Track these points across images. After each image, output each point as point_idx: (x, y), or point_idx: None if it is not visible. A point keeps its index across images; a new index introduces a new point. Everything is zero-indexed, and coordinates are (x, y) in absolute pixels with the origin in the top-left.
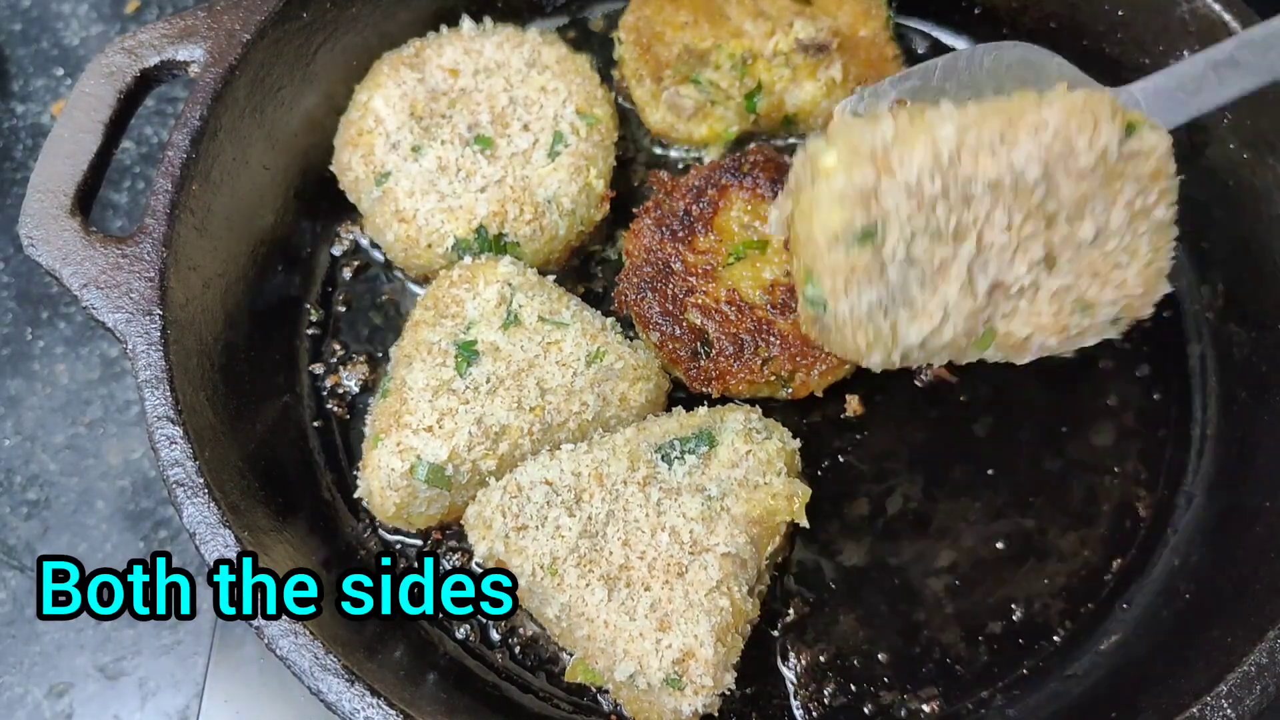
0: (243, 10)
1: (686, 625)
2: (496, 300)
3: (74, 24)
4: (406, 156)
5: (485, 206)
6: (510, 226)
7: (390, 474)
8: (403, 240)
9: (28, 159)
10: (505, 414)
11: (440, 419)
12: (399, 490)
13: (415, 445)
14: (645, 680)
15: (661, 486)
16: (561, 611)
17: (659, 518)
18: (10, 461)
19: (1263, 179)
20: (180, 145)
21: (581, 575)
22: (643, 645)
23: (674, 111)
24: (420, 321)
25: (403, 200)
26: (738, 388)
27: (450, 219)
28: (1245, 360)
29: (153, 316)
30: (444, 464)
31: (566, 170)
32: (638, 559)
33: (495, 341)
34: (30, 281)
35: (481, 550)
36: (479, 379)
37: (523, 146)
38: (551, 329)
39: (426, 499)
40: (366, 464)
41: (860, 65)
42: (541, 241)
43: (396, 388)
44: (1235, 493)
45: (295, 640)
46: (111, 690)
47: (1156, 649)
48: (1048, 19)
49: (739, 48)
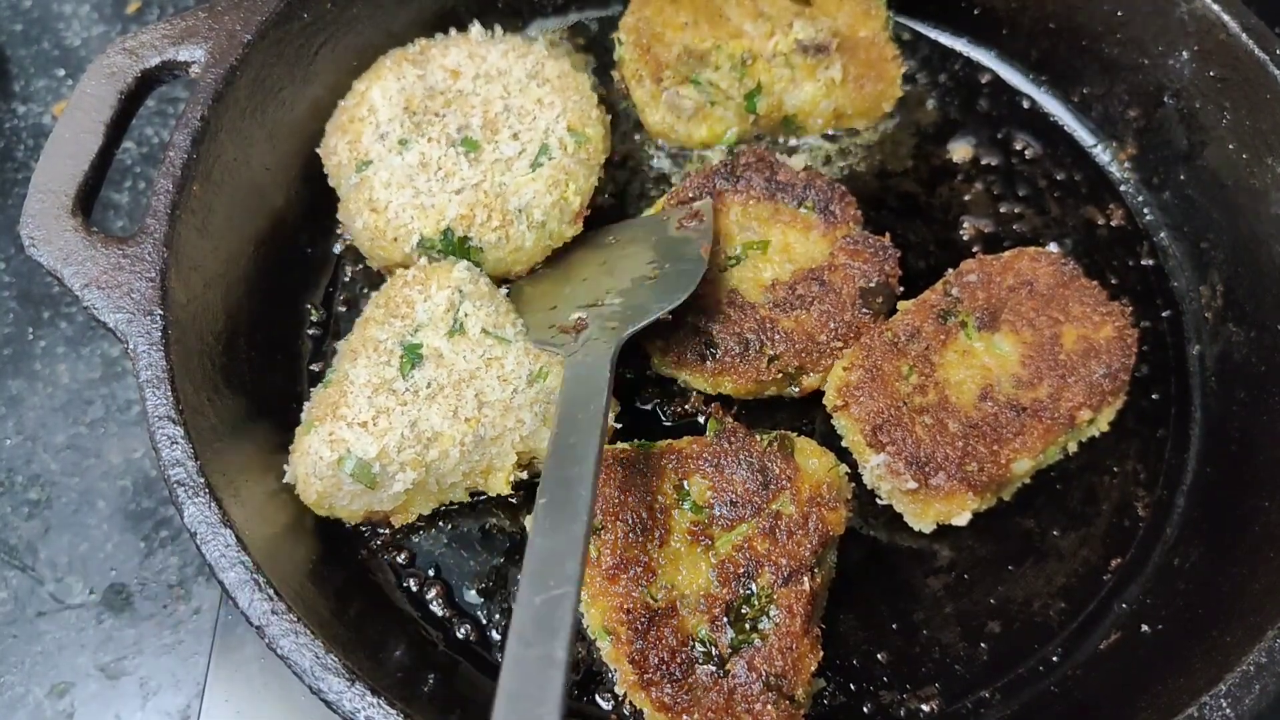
0: (243, 11)
1: None
2: (445, 305)
3: (75, 25)
4: (392, 148)
5: (456, 209)
6: (476, 231)
7: (318, 462)
8: (370, 229)
9: (29, 159)
10: (440, 421)
11: (376, 416)
12: (323, 479)
13: (347, 438)
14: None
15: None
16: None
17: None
18: (12, 461)
19: (1261, 179)
20: (181, 145)
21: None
22: None
23: (674, 112)
24: (370, 319)
25: (378, 190)
26: (745, 388)
27: (420, 215)
28: (1244, 360)
29: (154, 316)
30: (371, 461)
31: (545, 182)
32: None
33: (440, 348)
34: (32, 281)
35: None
36: (420, 383)
37: (507, 154)
38: (493, 344)
39: (350, 493)
40: (297, 448)
41: (860, 66)
42: (505, 250)
43: (339, 380)
44: (1234, 493)
45: (296, 640)
46: (112, 690)
47: (1155, 649)
48: (1047, 19)
49: (739, 48)
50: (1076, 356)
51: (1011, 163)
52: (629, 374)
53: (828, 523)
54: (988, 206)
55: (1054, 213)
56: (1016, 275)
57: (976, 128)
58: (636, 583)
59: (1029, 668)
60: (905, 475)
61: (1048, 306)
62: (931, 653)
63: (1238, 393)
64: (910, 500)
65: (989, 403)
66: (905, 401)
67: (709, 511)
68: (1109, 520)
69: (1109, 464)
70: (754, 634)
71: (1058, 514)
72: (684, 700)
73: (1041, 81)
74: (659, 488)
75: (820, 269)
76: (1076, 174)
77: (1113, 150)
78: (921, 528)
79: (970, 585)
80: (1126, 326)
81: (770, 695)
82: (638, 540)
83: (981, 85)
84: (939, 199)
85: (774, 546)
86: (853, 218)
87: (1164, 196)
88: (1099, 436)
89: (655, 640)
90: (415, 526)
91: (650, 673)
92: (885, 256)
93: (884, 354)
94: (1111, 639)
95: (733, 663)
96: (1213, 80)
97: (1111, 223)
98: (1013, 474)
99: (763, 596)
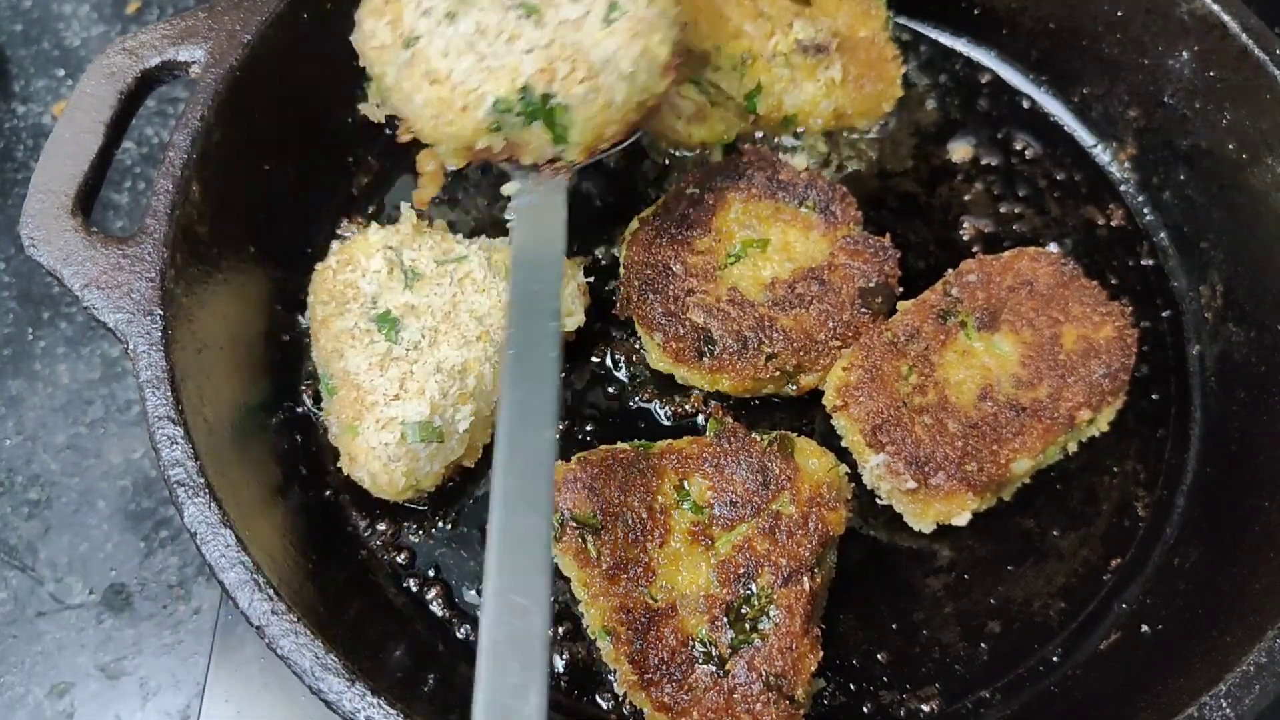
0: (243, 11)
1: None
2: (387, 267)
3: (75, 25)
4: (440, 21)
5: (532, 64)
6: (560, 86)
7: (385, 449)
8: (433, 104)
9: (29, 159)
10: (458, 353)
11: (402, 383)
12: (400, 460)
13: (394, 414)
14: None
15: None
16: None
17: None
18: (11, 461)
19: (1261, 179)
20: (181, 145)
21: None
22: None
23: (673, 113)
24: (326, 317)
25: (435, 60)
26: (743, 385)
27: (490, 78)
28: (1244, 360)
29: (154, 317)
30: (430, 418)
31: (624, 34)
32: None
33: (408, 302)
34: (31, 281)
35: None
36: (414, 337)
37: (573, 16)
38: (454, 265)
39: (428, 457)
40: (354, 454)
41: (860, 65)
42: (595, 106)
43: (342, 380)
44: (1234, 492)
45: (296, 640)
46: (112, 690)
47: (1155, 649)
48: (1047, 19)
49: (738, 48)
50: (1076, 356)
51: (1011, 163)
52: (626, 371)
53: (827, 523)
54: (988, 206)
55: (1054, 213)
56: (1016, 275)
57: (976, 128)
58: (636, 583)
59: (1029, 668)
60: (905, 475)
61: (1047, 306)
62: (931, 653)
63: (1238, 393)
64: (910, 500)
65: (989, 403)
66: (905, 401)
67: (709, 512)
68: (1109, 520)
69: (1109, 464)
70: (754, 634)
71: (1058, 514)
72: (684, 700)
73: (1041, 81)
74: (659, 488)
75: (820, 268)
76: (1076, 174)
77: (1113, 150)
78: (921, 528)
79: (970, 585)
80: (1126, 326)
81: (770, 695)
82: (638, 540)
83: (981, 85)
84: (939, 199)
85: (774, 546)
86: (853, 218)
87: (1164, 196)
88: (1099, 436)
89: (655, 640)
90: (415, 526)
91: (650, 673)
92: (885, 256)
93: (883, 354)
94: (1111, 639)
95: (733, 663)
96: (1213, 80)
97: (1111, 223)
98: (1012, 474)
99: (763, 596)
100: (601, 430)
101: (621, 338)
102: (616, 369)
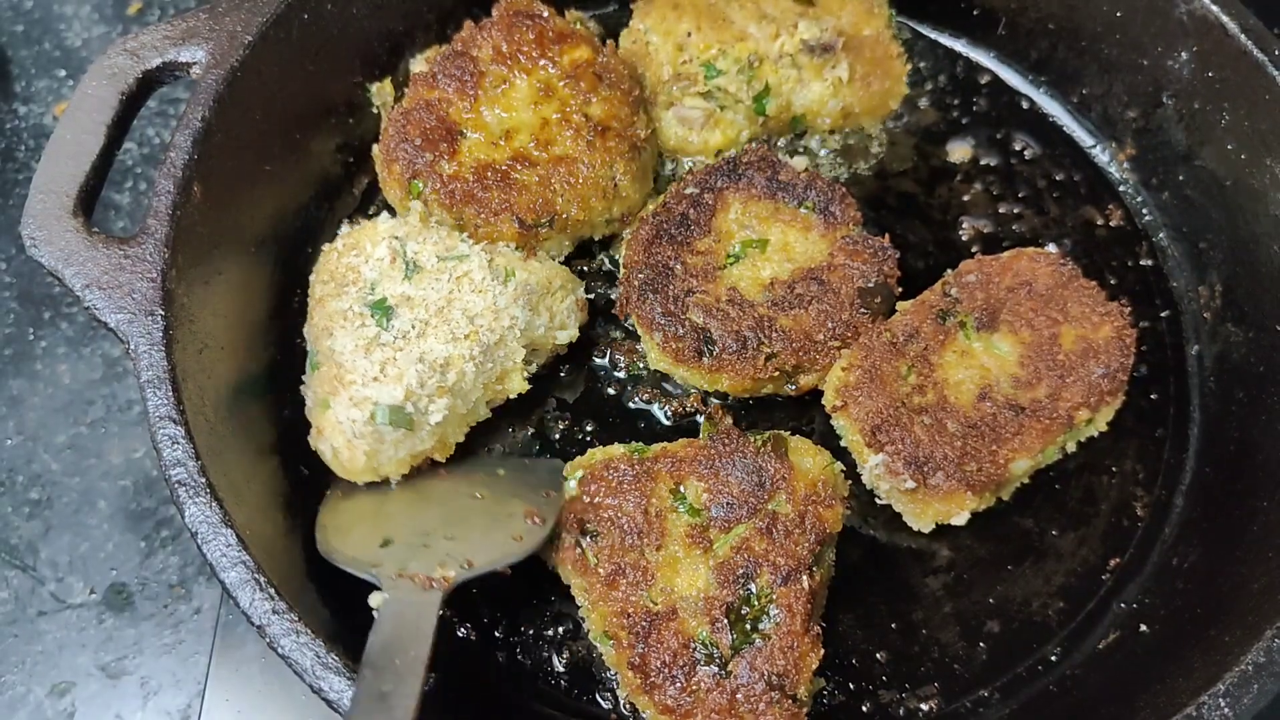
0: (244, 12)
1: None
2: (390, 256)
3: (76, 25)
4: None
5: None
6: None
7: (352, 425)
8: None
9: (30, 160)
10: (443, 347)
11: (383, 368)
12: (364, 438)
13: (369, 394)
14: None
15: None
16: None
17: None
18: (12, 461)
19: (1260, 179)
20: (182, 146)
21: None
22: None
23: (684, 125)
24: (323, 297)
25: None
26: (742, 385)
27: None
28: (1243, 360)
29: (155, 317)
30: (402, 403)
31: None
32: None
33: (405, 293)
34: (32, 282)
35: None
36: (404, 327)
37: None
38: (455, 263)
39: (393, 442)
40: (322, 427)
41: (865, 64)
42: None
43: (326, 357)
44: (1232, 492)
45: (297, 639)
46: (113, 689)
47: (1154, 648)
48: (1046, 19)
49: (744, 51)
50: (1075, 357)
51: (1011, 163)
52: (626, 371)
53: (824, 520)
54: (987, 207)
55: (1053, 213)
56: (1015, 275)
57: (976, 128)
58: (635, 587)
59: (1028, 667)
60: (904, 475)
61: (1046, 307)
62: (930, 652)
63: (1236, 393)
64: (909, 500)
65: (988, 403)
66: (904, 402)
67: (706, 514)
68: (1107, 520)
69: (1108, 464)
70: (755, 634)
71: (1056, 514)
72: (687, 703)
73: (1041, 82)
74: (654, 491)
75: (819, 268)
76: (1076, 174)
77: (1112, 150)
78: (920, 527)
79: (969, 585)
80: (1125, 327)
81: (773, 695)
82: (635, 545)
83: (981, 85)
84: (938, 199)
85: (772, 546)
86: (852, 218)
87: (1163, 197)
88: (1097, 436)
89: (657, 644)
90: None
91: (653, 676)
92: (884, 257)
93: (883, 354)
94: (1110, 638)
95: (734, 663)
96: (1212, 80)
97: (1110, 223)
98: (1011, 474)
99: (762, 596)
100: (601, 430)
101: (621, 338)
102: (616, 369)
